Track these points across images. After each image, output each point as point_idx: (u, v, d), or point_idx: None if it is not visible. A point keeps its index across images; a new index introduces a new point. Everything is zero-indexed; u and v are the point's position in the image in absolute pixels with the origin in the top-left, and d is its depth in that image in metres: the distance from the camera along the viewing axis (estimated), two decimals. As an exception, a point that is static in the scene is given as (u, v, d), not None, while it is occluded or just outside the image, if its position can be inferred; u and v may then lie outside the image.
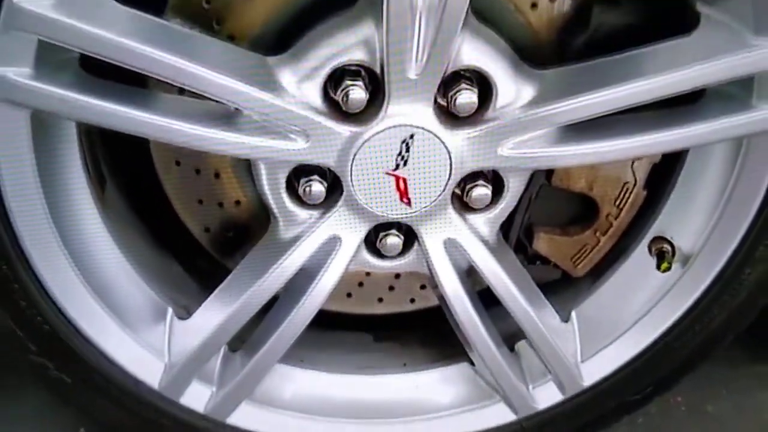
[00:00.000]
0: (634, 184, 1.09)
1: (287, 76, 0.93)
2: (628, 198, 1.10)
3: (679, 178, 1.10)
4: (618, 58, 0.94)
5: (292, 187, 1.03)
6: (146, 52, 0.84)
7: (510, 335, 1.23)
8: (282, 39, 0.98)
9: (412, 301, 1.28)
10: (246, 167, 1.11)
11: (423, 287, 1.26)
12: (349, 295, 1.25)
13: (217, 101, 0.91)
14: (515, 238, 1.15)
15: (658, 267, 1.10)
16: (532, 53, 1.00)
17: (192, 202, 1.14)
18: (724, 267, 1.10)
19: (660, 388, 1.24)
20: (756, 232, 1.06)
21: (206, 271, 1.22)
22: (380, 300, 1.27)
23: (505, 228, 1.15)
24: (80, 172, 1.00)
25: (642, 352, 1.18)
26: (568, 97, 0.93)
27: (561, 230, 1.16)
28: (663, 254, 1.10)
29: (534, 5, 1.00)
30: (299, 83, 0.93)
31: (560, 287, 1.23)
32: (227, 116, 0.94)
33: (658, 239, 1.13)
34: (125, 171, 1.15)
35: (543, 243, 1.16)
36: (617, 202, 1.11)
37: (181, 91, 0.92)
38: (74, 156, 0.98)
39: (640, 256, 1.16)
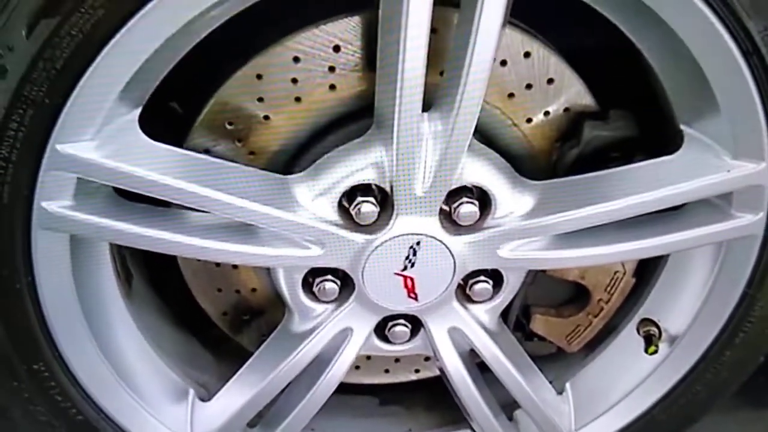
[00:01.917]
0: (624, 273, 1.18)
1: (304, 193, 1.01)
2: (618, 285, 1.19)
3: (665, 267, 1.19)
4: (608, 173, 1.02)
5: (307, 284, 1.11)
6: (175, 185, 0.92)
7: (509, 403, 1.32)
8: (298, 154, 1.07)
9: (417, 371, 1.36)
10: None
11: (427, 359, 1.35)
12: (357, 367, 1.34)
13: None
14: (513, 318, 1.24)
15: (646, 350, 1.18)
16: (527, 164, 1.09)
17: (211, 290, 1.21)
18: (707, 349, 1.19)
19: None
20: (736, 320, 1.15)
21: (222, 348, 1.30)
22: (386, 371, 1.36)
23: (505, 309, 1.24)
24: (111, 276, 1.08)
25: (631, 422, 1.27)
26: (561, 210, 1.02)
27: (556, 312, 1.24)
28: (650, 338, 1.18)
29: (529, 120, 1.08)
30: (315, 199, 1.01)
31: (555, 360, 1.32)
32: (248, 229, 1.02)
33: (646, 321, 1.21)
34: (150, 265, 1.23)
35: (539, 323, 1.24)
36: (608, 289, 1.20)
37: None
38: (106, 264, 1.06)
39: (629, 335, 1.24)
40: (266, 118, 1.04)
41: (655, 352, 1.19)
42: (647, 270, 1.20)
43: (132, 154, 0.92)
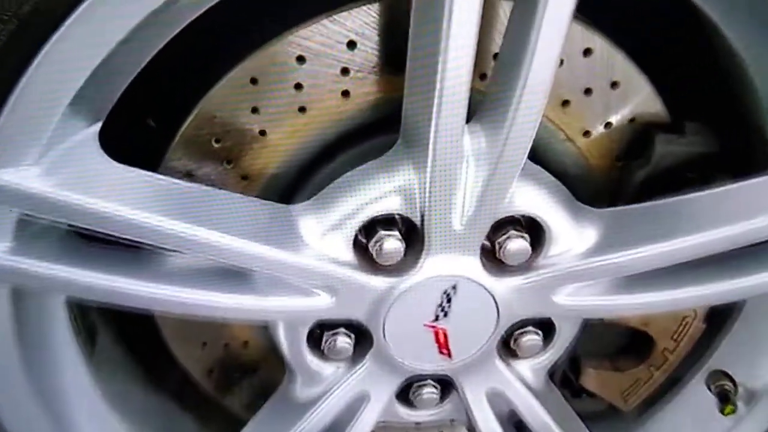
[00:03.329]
0: (694, 318, 0.98)
1: (311, 227, 0.80)
2: (687, 332, 0.99)
3: (743, 310, 0.99)
4: (693, 198, 0.81)
5: (313, 339, 0.90)
6: (147, 222, 0.71)
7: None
8: (302, 178, 0.86)
9: (440, 433, 1.16)
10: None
11: (452, 420, 1.14)
12: (370, 430, 1.13)
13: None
14: (561, 373, 1.04)
15: (722, 410, 0.98)
16: (582, 187, 0.89)
17: (194, 345, 1.00)
18: (796, 409, 1.00)
19: None
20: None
21: (208, 412, 1.09)
22: (405, 436, 1.15)
23: (549, 362, 1.04)
24: (68, 337, 0.86)
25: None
26: (632, 245, 0.82)
27: (611, 364, 1.04)
28: (725, 394, 0.98)
29: (587, 133, 0.88)
30: (325, 234, 0.80)
31: (605, 418, 1.12)
32: (241, 275, 0.81)
33: (718, 373, 1.02)
34: (120, 315, 1.00)
35: (591, 379, 1.04)
36: (675, 336, 1.00)
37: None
38: (61, 321, 0.84)
39: (696, 389, 1.05)
40: (262, 133, 0.83)
41: (733, 411, 0.99)
42: (721, 314, 1.01)
43: (90, 182, 0.70)
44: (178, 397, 1.09)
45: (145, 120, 0.97)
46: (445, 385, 0.96)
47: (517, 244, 0.82)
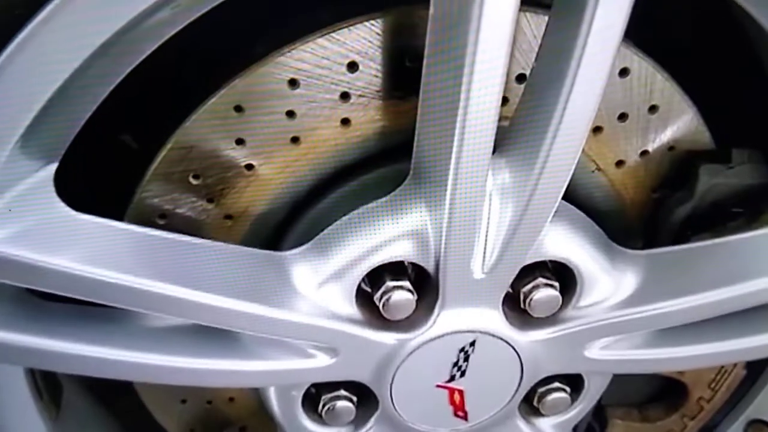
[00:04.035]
0: (734, 365, 0.89)
1: (307, 277, 0.69)
2: (726, 380, 0.89)
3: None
4: (746, 239, 0.71)
5: (310, 401, 0.79)
6: (112, 281, 0.59)
7: None
8: (295, 219, 0.75)
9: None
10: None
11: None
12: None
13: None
14: (585, 425, 0.94)
15: (767, 465, 0.89)
16: (613, 224, 0.78)
17: (172, 402, 0.88)
18: None
19: None
20: None
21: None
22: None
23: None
24: (27, 400, 0.74)
25: None
26: (675, 294, 0.71)
27: (640, 415, 0.93)
28: (769, 447, 0.89)
29: (620, 163, 0.77)
30: (323, 285, 0.69)
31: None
32: (226, 336, 0.70)
33: (757, 423, 0.92)
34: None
35: (618, 431, 0.94)
36: (712, 385, 0.90)
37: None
38: (18, 383, 0.72)
39: (735, 440, 0.95)
40: (249, 167, 0.71)
41: (778, 467, 0.90)
42: (761, 359, 0.91)
43: (44, 235, 0.59)
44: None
45: (115, 155, 0.86)
46: (460, 448, 0.85)
47: (545, 294, 0.71)
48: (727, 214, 0.78)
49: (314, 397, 0.77)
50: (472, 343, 0.73)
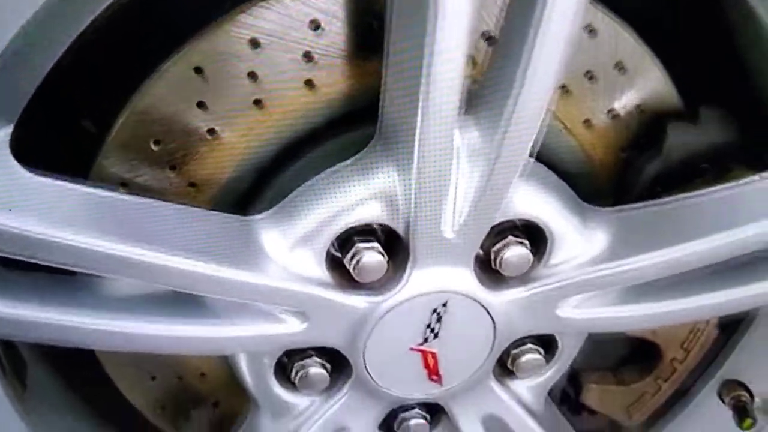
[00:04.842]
0: (707, 324, 0.89)
1: (276, 242, 0.67)
2: (699, 340, 0.90)
3: (759, 313, 0.90)
4: (719, 192, 0.70)
5: (281, 369, 0.77)
6: (72, 243, 0.58)
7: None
8: (262, 184, 0.73)
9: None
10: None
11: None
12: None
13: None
14: (559, 390, 0.94)
15: (740, 423, 0.89)
16: (583, 184, 0.77)
17: (142, 378, 0.86)
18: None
19: None
20: None
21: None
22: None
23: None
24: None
25: None
26: (646, 250, 0.72)
27: (615, 378, 0.94)
28: (743, 407, 0.89)
29: (588, 122, 0.77)
30: (293, 249, 0.68)
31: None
32: (194, 301, 0.68)
33: (732, 384, 0.93)
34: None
35: (593, 395, 0.93)
36: (685, 345, 0.90)
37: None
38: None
39: (707, 401, 0.95)
40: (211, 132, 0.70)
41: (753, 425, 0.90)
42: (735, 319, 0.91)
43: (1, 197, 0.58)
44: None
45: (77, 122, 0.84)
46: (435, 413, 0.85)
47: (516, 253, 0.71)
48: (695, 171, 0.78)
49: (286, 366, 0.76)
50: (445, 304, 0.72)
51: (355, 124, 0.72)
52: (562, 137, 0.78)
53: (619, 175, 0.80)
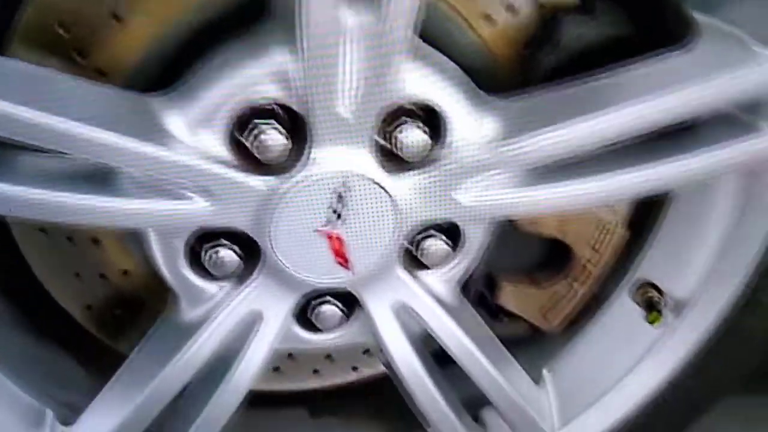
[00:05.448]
0: (615, 224, 0.92)
1: (177, 121, 0.70)
2: (609, 240, 0.93)
3: (668, 214, 0.93)
4: (595, 80, 0.74)
5: (193, 254, 0.80)
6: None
7: (473, 400, 1.04)
8: (172, 70, 0.75)
9: (355, 369, 1.07)
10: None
11: (367, 352, 1.06)
12: (276, 369, 1.04)
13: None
14: (475, 292, 0.97)
15: (648, 319, 0.93)
16: (487, 79, 0.80)
17: (65, 276, 0.89)
18: (723, 317, 0.93)
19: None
20: (761, 278, 0.90)
21: (98, 356, 0.99)
22: (316, 372, 1.06)
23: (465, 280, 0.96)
24: None
25: (629, 413, 1.01)
26: (539, 131, 0.74)
27: (529, 280, 0.97)
28: (651, 303, 0.93)
29: (488, 17, 0.80)
30: (194, 129, 0.71)
31: (529, 343, 1.06)
32: (102, 176, 0.72)
33: (644, 285, 0.96)
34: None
35: (509, 296, 0.97)
36: (596, 246, 0.93)
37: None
38: None
39: (623, 304, 0.99)
40: (117, 17, 0.73)
41: (659, 319, 0.93)
42: (644, 220, 0.95)
43: None
44: (61, 340, 0.98)
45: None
46: (349, 303, 0.87)
47: (411, 134, 0.73)
48: (591, 64, 0.81)
49: (197, 249, 0.79)
50: (345, 185, 0.75)
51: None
52: (466, 34, 0.81)
53: (522, 71, 0.84)
